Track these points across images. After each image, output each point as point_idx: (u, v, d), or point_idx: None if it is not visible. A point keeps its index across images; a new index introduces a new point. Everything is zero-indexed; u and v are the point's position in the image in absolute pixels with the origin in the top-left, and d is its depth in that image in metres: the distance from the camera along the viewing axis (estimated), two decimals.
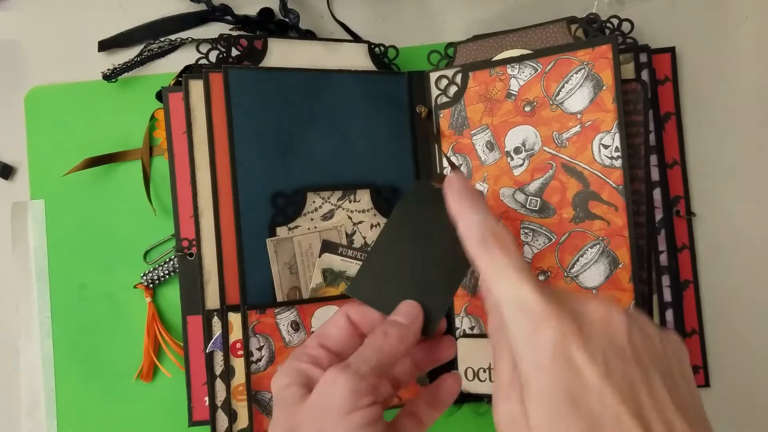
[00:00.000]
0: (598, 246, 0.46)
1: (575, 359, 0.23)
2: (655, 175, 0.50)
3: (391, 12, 0.56)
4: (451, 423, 0.53)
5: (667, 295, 0.50)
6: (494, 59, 0.51)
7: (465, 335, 0.50)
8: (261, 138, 0.48)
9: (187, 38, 0.55)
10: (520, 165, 0.49)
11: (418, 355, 0.39)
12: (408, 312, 0.36)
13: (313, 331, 0.47)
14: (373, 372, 0.33)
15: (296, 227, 0.48)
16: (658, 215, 0.50)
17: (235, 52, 0.50)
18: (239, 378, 0.48)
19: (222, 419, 0.48)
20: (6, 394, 0.55)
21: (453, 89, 0.51)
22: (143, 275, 0.53)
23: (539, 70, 0.48)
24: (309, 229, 0.49)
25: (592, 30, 0.49)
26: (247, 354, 0.47)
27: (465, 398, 0.51)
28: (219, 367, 0.49)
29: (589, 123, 0.46)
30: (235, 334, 0.47)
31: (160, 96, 0.53)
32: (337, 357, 0.35)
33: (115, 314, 0.54)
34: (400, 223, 0.38)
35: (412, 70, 0.53)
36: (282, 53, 0.51)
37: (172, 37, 0.56)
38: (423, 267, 0.38)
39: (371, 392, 0.32)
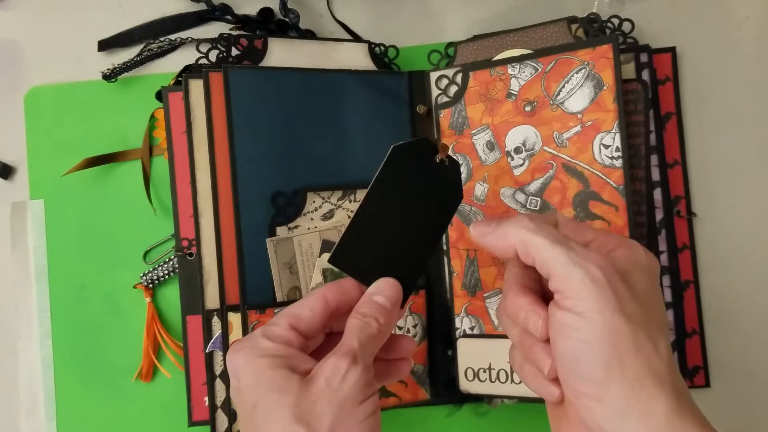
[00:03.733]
0: None
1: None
2: (655, 175, 0.50)
3: (391, 12, 0.56)
4: (451, 423, 0.53)
5: (668, 296, 0.50)
6: (495, 59, 0.50)
7: (465, 335, 0.50)
8: (261, 138, 0.47)
9: (186, 38, 0.55)
10: (521, 165, 0.49)
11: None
12: (391, 296, 0.36)
13: None
14: (371, 360, 0.34)
15: (296, 227, 0.48)
16: (659, 215, 0.50)
17: (235, 52, 0.50)
18: None
19: (222, 419, 0.48)
20: (5, 394, 0.54)
21: (453, 89, 0.51)
22: (143, 275, 0.53)
23: (540, 69, 0.48)
24: (309, 228, 0.49)
25: (593, 30, 0.49)
26: None
27: (465, 398, 0.51)
28: (219, 367, 0.49)
29: (589, 123, 0.46)
30: (235, 334, 0.47)
31: (159, 96, 0.53)
32: (305, 340, 0.36)
33: (115, 314, 0.54)
34: (386, 183, 0.37)
35: (412, 70, 0.53)
36: (282, 53, 0.51)
37: (172, 36, 0.56)
38: (404, 234, 0.37)
39: (373, 381, 0.34)
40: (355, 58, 0.53)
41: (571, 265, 0.31)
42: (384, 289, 0.36)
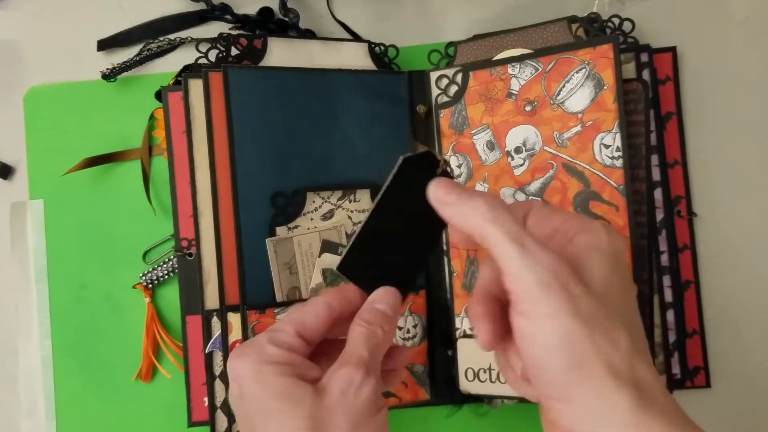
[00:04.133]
0: None
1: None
2: (656, 175, 0.50)
3: (392, 11, 0.56)
4: (451, 423, 0.53)
5: (668, 296, 0.50)
6: (495, 59, 0.50)
7: (465, 335, 0.50)
8: (261, 138, 0.47)
9: (186, 37, 0.55)
10: (521, 165, 0.49)
11: None
12: (392, 304, 0.36)
13: None
14: (379, 370, 0.34)
15: (296, 227, 0.48)
16: (659, 215, 0.50)
17: (234, 52, 0.50)
18: None
19: (221, 420, 0.48)
20: (5, 394, 0.54)
21: (453, 89, 0.51)
22: (142, 275, 0.53)
23: (540, 69, 0.48)
24: (309, 229, 0.48)
25: (593, 29, 0.49)
26: None
27: (465, 399, 0.51)
28: (218, 368, 0.48)
29: (590, 123, 0.46)
30: (235, 334, 0.47)
31: (159, 95, 0.53)
32: (309, 346, 0.35)
33: (114, 315, 0.54)
34: (395, 194, 0.37)
35: (412, 70, 0.53)
36: (282, 53, 0.51)
37: (172, 36, 0.56)
38: (405, 242, 0.37)
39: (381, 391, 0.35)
40: (355, 57, 0.52)
41: (523, 268, 0.31)
42: (385, 297, 0.36)
